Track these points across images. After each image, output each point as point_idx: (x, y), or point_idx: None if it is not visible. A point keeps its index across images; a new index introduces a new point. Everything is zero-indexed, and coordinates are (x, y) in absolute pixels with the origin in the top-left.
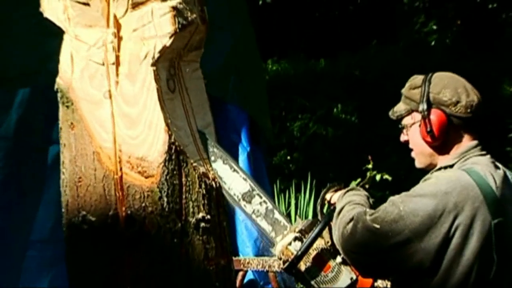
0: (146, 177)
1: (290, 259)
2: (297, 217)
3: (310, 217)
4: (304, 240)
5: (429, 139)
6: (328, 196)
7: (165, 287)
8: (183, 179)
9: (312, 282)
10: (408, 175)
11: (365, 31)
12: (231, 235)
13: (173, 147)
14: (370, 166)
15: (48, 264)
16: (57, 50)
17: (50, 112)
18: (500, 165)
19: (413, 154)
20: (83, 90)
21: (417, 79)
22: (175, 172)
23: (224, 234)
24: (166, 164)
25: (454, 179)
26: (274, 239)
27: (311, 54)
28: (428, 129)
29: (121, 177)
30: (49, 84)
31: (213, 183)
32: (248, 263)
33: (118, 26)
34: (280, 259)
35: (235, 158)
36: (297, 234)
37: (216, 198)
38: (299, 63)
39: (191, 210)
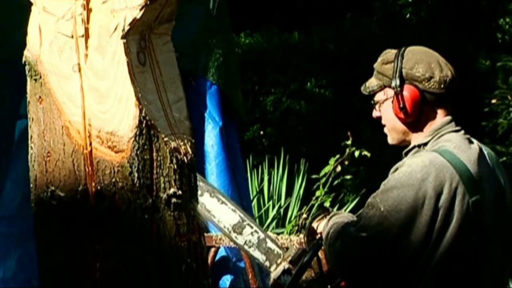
0: (116, 152)
1: None
2: (291, 245)
3: (283, 192)
4: (293, 272)
5: (402, 115)
6: (314, 225)
7: (136, 263)
8: (154, 154)
9: None
10: (382, 150)
11: (339, 4)
12: None
13: (144, 121)
14: (349, 142)
15: (16, 240)
16: (22, 23)
17: (17, 85)
18: (474, 141)
19: (385, 130)
20: (52, 63)
21: (390, 53)
22: (145, 147)
23: (196, 210)
24: (137, 138)
25: (428, 163)
26: (268, 269)
27: (285, 27)
28: (401, 105)
29: (90, 152)
30: (16, 57)
31: (185, 158)
32: (220, 239)
33: None
34: None
35: (207, 133)
36: (287, 266)
37: (188, 173)
38: (272, 36)
39: (162, 185)
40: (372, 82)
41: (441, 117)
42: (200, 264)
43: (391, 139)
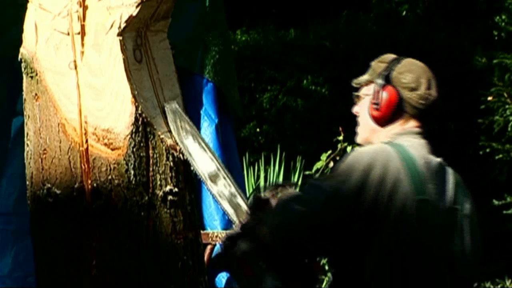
0: (113, 149)
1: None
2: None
3: None
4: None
5: (373, 112)
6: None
7: (132, 260)
8: (150, 151)
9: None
10: None
11: (336, 1)
12: (199, 208)
13: (140, 118)
14: (341, 138)
15: (12, 237)
16: (17, 20)
17: (13, 82)
18: (439, 159)
19: (357, 129)
20: (48, 60)
21: (390, 56)
22: (142, 144)
23: (192, 207)
24: (133, 136)
25: (379, 151)
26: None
27: (281, 24)
28: (376, 101)
29: (86, 149)
30: (12, 53)
31: (181, 155)
32: (216, 236)
33: None
34: None
35: (204, 130)
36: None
37: (184, 170)
38: (269, 33)
39: (158, 183)
40: (363, 77)
41: (410, 127)
42: (197, 261)
43: (359, 138)
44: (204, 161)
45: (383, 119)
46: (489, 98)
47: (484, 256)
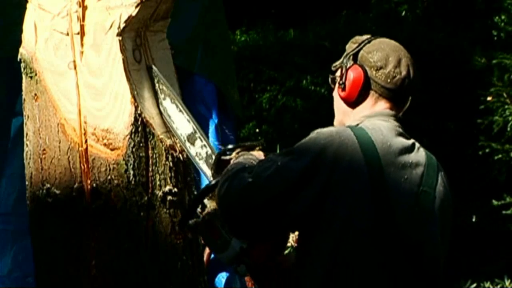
0: (112, 150)
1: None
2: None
3: None
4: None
5: (340, 92)
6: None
7: (132, 260)
8: (150, 151)
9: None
10: None
11: (335, 1)
12: None
13: (140, 119)
14: None
15: (11, 237)
16: (19, 21)
17: (13, 83)
18: (410, 138)
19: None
20: (47, 60)
21: (364, 36)
22: (141, 145)
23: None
24: (132, 136)
25: (334, 134)
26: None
27: (280, 24)
28: (341, 82)
29: (86, 149)
30: (11, 54)
31: (180, 155)
32: None
33: None
34: None
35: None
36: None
37: (183, 170)
38: (268, 33)
39: (157, 183)
40: (339, 60)
41: (379, 108)
42: (196, 261)
43: (335, 120)
44: (182, 123)
45: (350, 100)
46: (489, 98)
47: (483, 256)
